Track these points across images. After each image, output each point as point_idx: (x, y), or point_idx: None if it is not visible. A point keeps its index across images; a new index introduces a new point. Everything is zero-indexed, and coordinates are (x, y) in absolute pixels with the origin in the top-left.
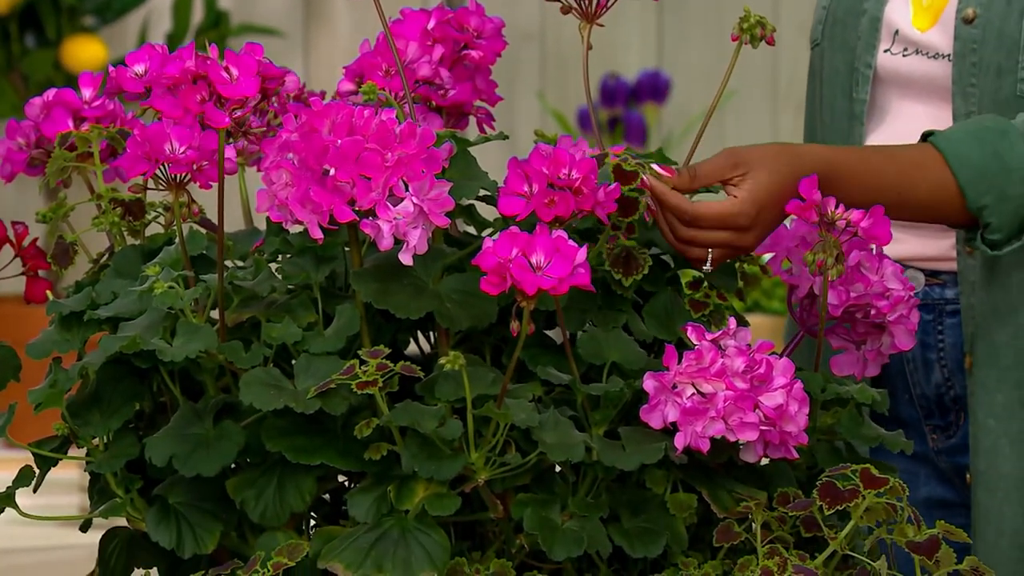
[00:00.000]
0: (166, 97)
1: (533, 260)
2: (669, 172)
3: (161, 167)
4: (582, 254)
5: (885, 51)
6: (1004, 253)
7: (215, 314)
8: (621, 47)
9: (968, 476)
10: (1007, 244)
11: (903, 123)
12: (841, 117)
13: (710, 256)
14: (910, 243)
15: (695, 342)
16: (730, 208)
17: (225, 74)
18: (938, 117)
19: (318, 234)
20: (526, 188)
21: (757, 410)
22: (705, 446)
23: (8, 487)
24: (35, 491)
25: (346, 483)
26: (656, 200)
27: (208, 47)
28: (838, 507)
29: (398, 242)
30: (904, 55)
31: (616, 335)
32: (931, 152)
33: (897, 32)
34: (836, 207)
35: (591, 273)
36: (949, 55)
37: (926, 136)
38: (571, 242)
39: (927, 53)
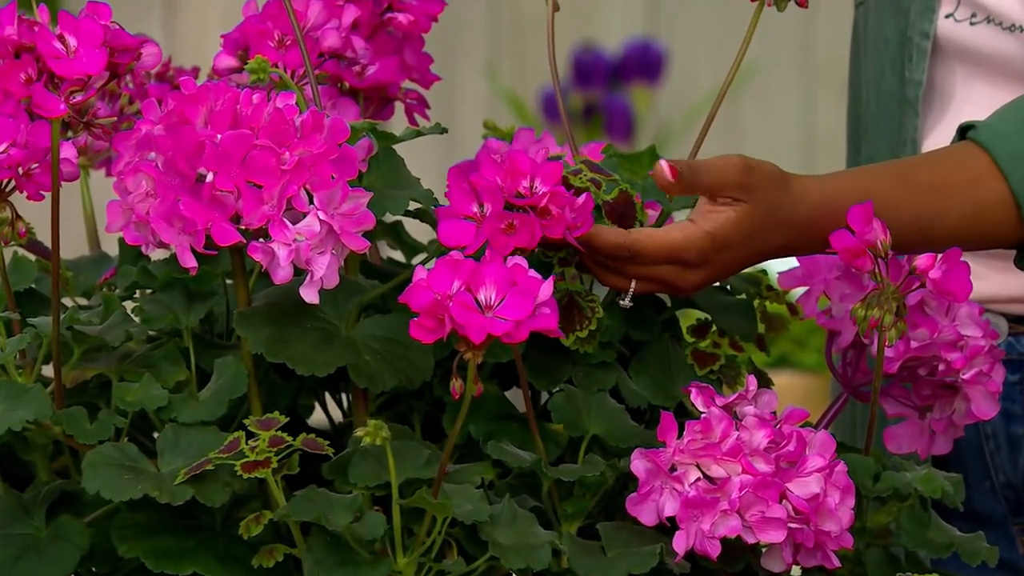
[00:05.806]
0: None
1: (481, 297)
2: (671, 170)
3: None
4: (547, 288)
5: (947, 16)
6: None
7: (48, 371)
8: (601, 7)
9: None
10: None
11: (971, 113)
12: (890, 102)
13: (632, 287)
14: (988, 279)
15: (701, 409)
16: (682, 240)
17: (59, 45)
18: None
19: (191, 262)
20: (475, 209)
21: (784, 502)
22: (715, 550)
23: None
24: None
25: None
26: (585, 245)
27: (36, 7)
28: None
29: (299, 272)
30: (972, 23)
31: (601, 400)
32: (969, 160)
33: None
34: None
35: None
36: None
37: (964, 130)
38: (532, 273)
39: (1002, 23)
